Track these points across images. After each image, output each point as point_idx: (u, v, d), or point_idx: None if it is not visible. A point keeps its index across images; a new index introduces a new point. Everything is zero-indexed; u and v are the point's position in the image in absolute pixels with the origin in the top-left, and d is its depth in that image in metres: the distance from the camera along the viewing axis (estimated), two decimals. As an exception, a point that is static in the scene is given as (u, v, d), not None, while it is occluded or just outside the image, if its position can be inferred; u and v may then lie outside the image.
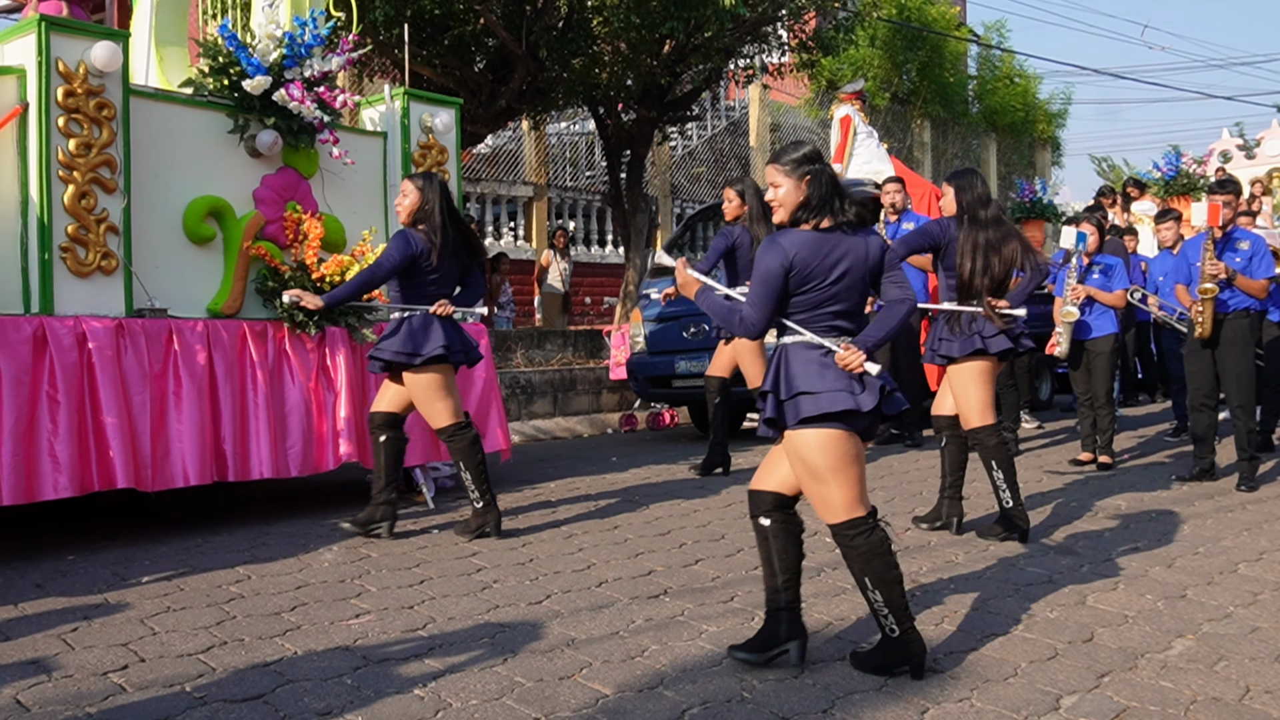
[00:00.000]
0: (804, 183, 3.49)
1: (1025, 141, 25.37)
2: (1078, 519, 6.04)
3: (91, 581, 4.70)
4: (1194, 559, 5.15)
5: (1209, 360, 7.06)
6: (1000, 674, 3.60)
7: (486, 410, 6.91)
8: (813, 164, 3.52)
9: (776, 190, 3.54)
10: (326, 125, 6.24)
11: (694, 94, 13.96)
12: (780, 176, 3.53)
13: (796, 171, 3.50)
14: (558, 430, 10.37)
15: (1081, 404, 8.05)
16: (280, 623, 4.11)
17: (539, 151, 16.76)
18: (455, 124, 7.16)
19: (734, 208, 7.33)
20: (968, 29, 24.49)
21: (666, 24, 11.25)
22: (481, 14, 11.01)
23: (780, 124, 19.82)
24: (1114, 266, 7.91)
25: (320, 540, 5.50)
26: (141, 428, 5.34)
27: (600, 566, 4.96)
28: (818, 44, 13.83)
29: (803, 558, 3.72)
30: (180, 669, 3.59)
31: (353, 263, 6.08)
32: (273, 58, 5.99)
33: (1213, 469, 7.19)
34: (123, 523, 5.90)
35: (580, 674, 3.57)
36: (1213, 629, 4.10)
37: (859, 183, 9.99)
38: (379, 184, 6.84)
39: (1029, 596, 4.49)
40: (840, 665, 3.66)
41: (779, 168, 3.54)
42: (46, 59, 5.21)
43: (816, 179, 3.50)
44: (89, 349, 5.17)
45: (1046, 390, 11.72)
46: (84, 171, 5.31)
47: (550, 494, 6.87)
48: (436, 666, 3.63)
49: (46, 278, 5.20)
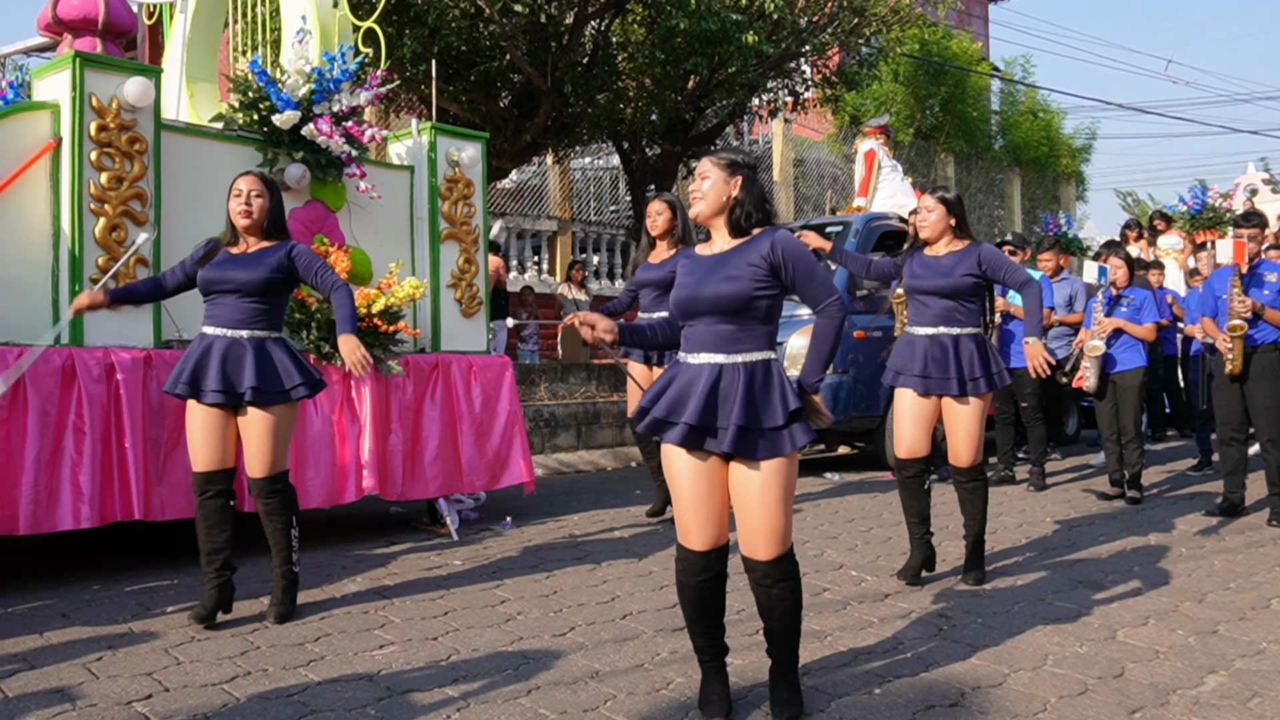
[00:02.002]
0: (733, 181, 3.37)
1: (1049, 176, 25.33)
2: (1106, 553, 5.98)
3: (116, 611, 4.71)
4: (1225, 594, 5.08)
5: (1237, 395, 7.00)
6: (1029, 709, 3.55)
7: (510, 443, 6.91)
8: (749, 170, 3.41)
9: (703, 182, 3.39)
10: (354, 159, 6.30)
11: (718, 129, 14.02)
12: (712, 169, 3.39)
13: (729, 169, 3.38)
14: (581, 463, 10.35)
15: (1107, 438, 7.98)
16: (304, 653, 4.11)
17: (563, 186, 16.86)
18: (481, 158, 7.21)
19: (664, 221, 6.67)
20: (990, 64, 24.53)
21: (691, 60, 11.32)
22: (507, 50, 11.12)
23: (804, 159, 19.87)
24: (1144, 299, 7.87)
25: (344, 571, 5.50)
26: (156, 458, 5.35)
27: (624, 599, 4.94)
28: (841, 79, 13.89)
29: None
30: (204, 698, 3.59)
31: (379, 295, 6.12)
32: (302, 93, 6.06)
33: (1243, 503, 7.11)
34: (147, 554, 5.92)
35: (604, 706, 3.55)
36: (1245, 665, 4.04)
37: (883, 216, 10.01)
38: (405, 217, 6.89)
39: (1058, 631, 4.44)
40: (866, 699, 3.62)
41: (714, 160, 3.41)
42: (80, 94, 5.29)
43: (748, 184, 3.38)
44: (117, 380, 5.20)
45: (1073, 425, 11.64)
46: (115, 204, 5.38)
47: (574, 526, 6.85)
48: (459, 697, 3.61)
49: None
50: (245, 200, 4.55)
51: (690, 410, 3.22)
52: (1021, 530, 6.67)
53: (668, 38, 11.22)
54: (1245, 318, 6.76)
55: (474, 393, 6.77)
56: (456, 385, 6.69)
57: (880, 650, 4.17)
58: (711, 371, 3.26)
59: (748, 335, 3.28)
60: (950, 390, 5.03)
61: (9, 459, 4.85)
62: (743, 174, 3.39)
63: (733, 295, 3.25)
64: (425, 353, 6.72)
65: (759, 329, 3.30)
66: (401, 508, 7.34)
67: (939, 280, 5.05)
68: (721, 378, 3.24)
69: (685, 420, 3.22)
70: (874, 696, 3.65)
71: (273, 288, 4.55)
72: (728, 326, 3.28)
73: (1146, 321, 7.77)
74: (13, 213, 5.20)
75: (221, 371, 4.43)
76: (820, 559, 5.82)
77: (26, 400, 4.92)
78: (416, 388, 6.47)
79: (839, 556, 5.89)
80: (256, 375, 4.43)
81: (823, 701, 3.59)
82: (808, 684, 3.75)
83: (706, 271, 3.34)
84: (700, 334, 3.32)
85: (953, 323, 5.06)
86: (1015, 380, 8.64)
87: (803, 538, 6.38)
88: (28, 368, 4.81)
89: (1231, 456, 7.12)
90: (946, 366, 5.02)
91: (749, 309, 3.26)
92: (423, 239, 6.90)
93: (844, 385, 8.98)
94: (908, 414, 5.19)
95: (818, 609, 4.77)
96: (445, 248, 6.97)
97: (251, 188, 4.57)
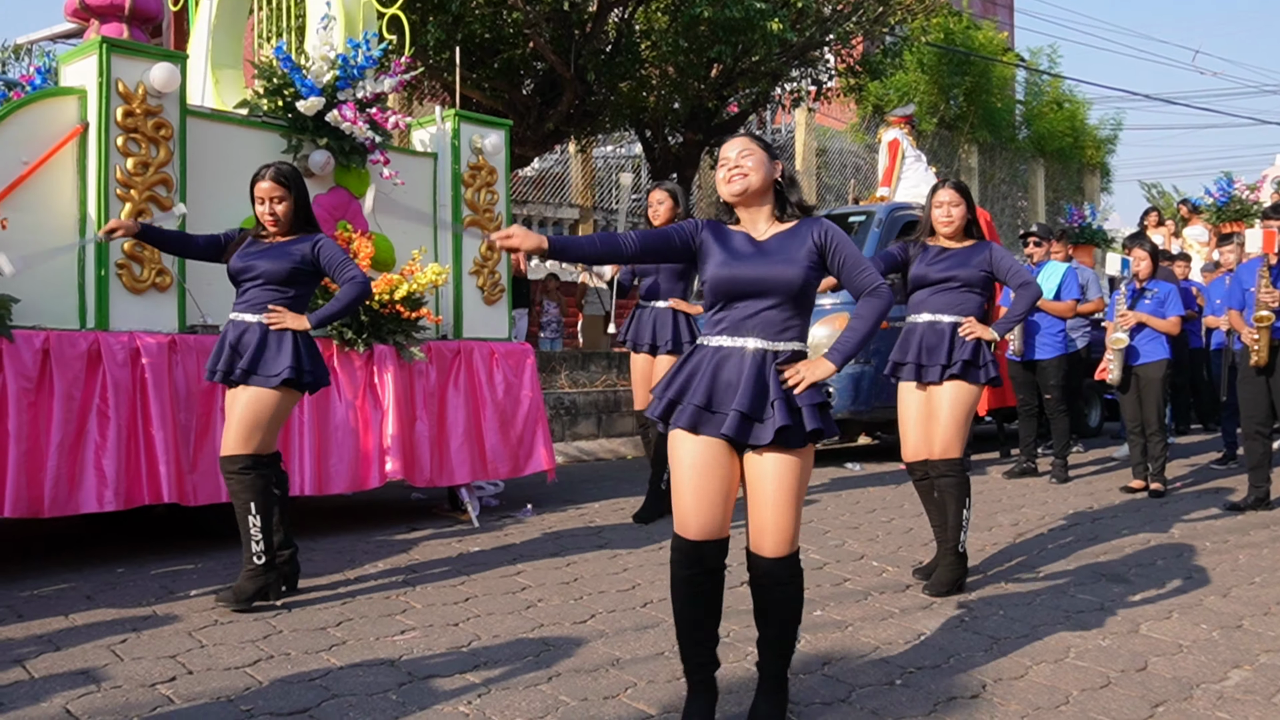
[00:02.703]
0: (776, 165, 3.29)
1: (1074, 167, 25.17)
2: (1129, 547, 5.95)
3: (141, 594, 4.75)
4: (1250, 589, 5.05)
5: (1263, 388, 6.94)
6: (1051, 701, 3.54)
7: (533, 431, 6.92)
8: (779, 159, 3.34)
9: (747, 157, 3.24)
10: (378, 146, 6.30)
11: (741, 117, 13.99)
12: (754, 146, 3.27)
13: (769, 152, 3.29)
14: (601, 451, 10.37)
15: (1131, 431, 7.94)
16: (326, 638, 4.13)
17: (585, 174, 16.86)
18: (505, 145, 7.21)
19: (665, 210, 6.58)
20: (1015, 54, 24.37)
21: (714, 48, 11.30)
22: (531, 38, 11.12)
23: (826, 148, 19.80)
24: (1168, 293, 7.81)
25: (366, 556, 5.53)
26: (186, 443, 5.39)
27: (645, 587, 4.94)
28: (865, 68, 13.83)
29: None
30: (227, 682, 3.61)
31: (402, 281, 6.13)
32: (326, 79, 6.07)
33: (1268, 497, 7.06)
34: (172, 537, 5.96)
35: (625, 694, 3.55)
36: (1270, 660, 4.01)
37: (906, 205, 9.96)
38: (429, 204, 6.89)
39: (1081, 624, 4.42)
40: (887, 689, 3.62)
41: (752, 140, 3.29)
42: (107, 80, 5.31)
43: (787, 174, 3.32)
44: (142, 364, 5.24)
45: (1096, 417, 11.58)
46: (141, 190, 5.40)
47: (595, 514, 6.86)
48: (480, 683, 3.62)
49: (103, 294, 5.28)
50: (269, 209, 4.62)
51: (740, 398, 3.07)
52: (1043, 522, 6.64)
53: (691, 25, 11.20)
54: (1273, 309, 6.70)
55: (496, 380, 6.79)
56: (479, 372, 6.70)
57: (901, 641, 4.16)
58: (756, 357, 3.13)
59: (795, 324, 3.18)
60: (932, 377, 4.91)
61: (35, 442, 4.89)
62: (781, 161, 3.33)
63: (793, 280, 3.13)
64: (448, 339, 6.73)
65: (802, 319, 3.21)
66: (423, 494, 7.37)
67: (956, 270, 4.96)
68: (765, 364, 3.13)
69: (735, 409, 3.06)
70: (895, 688, 3.64)
71: (296, 279, 4.61)
72: (778, 313, 3.15)
73: (1170, 315, 7.71)
74: (40, 198, 5.23)
75: (231, 354, 4.53)
76: (841, 549, 5.81)
77: (53, 384, 4.95)
78: (440, 374, 6.49)
79: (860, 547, 5.88)
80: (252, 358, 4.49)
81: (843, 691, 3.59)
82: (828, 673, 3.75)
83: (761, 254, 3.20)
84: (740, 317, 3.17)
85: (953, 310, 4.94)
86: (1039, 372, 8.61)
87: (823, 528, 6.37)
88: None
89: (1256, 450, 7.07)
90: (939, 353, 4.89)
91: (803, 296, 3.17)
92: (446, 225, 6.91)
93: (865, 376, 8.95)
94: (910, 415, 5.05)
95: (839, 599, 4.76)
96: (468, 235, 6.98)
97: (271, 194, 4.61)
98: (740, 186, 3.25)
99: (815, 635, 4.16)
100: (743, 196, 3.27)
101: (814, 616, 4.45)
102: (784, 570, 3.16)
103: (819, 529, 6.33)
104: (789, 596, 3.19)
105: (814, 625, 4.31)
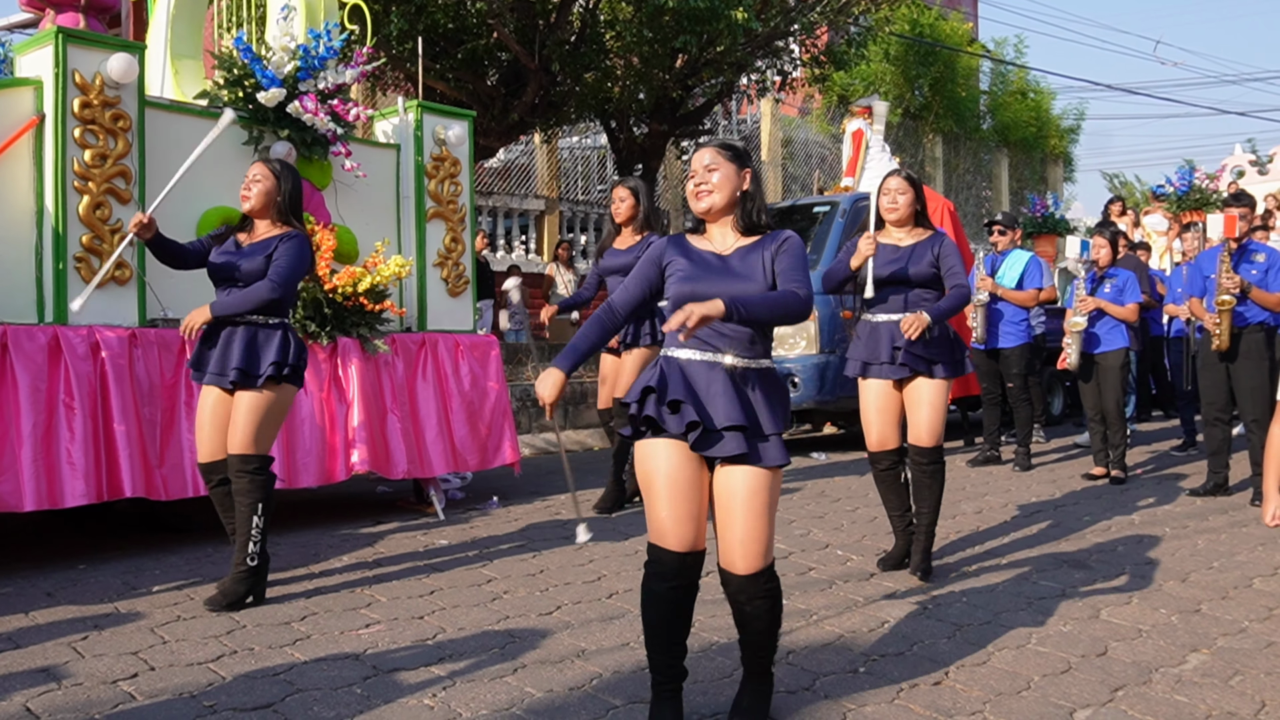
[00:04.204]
0: (744, 174, 3.23)
1: (1037, 157, 25.36)
2: (1090, 533, 6.01)
3: (102, 590, 4.71)
4: (1208, 573, 5.12)
5: (1223, 375, 7.03)
6: (1013, 687, 3.57)
7: (500, 423, 6.91)
8: (750, 163, 3.29)
9: (712, 173, 3.20)
10: (340, 137, 6.26)
11: (706, 108, 13.99)
12: (720, 159, 3.20)
13: (738, 161, 3.22)
14: (568, 443, 10.36)
15: (1092, 419, 8.02)
16: (290, 632, 4.11)
17: (551, 165, 16.80)
18: (468, 136, 7.18)
19: (627, 208, 6.56)
20: (980, 45, 24.51)
21: (679, 38, 11.29)
22: (495, 28, 11.07)
23: (792, 138, 19.85)
24: (1126, 280, 7.88)
25: (331, 550, 5.50)
26: (153, 437, 5.35)
27: (611, 578, 4.95)
28: (830, 59, 13.86)
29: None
30: (190, 677, 3.59)
31: (365, 274, 6.09)
32: (287, 70, 6.02)
33: (1226, 483, 7.16)
34: (134, 533, 5.91)
35: (590, 685, 3.56)
36: (1227, 644, 4.07)
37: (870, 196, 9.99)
38: (392, 196, 6.86)
39: (1042, 610, 4.46)
40: (851, 677, 3.64)
41: (719, 150, 3.23)
42: (63, 71, 5.24)
43: (756, 180, 3.26)
44: (102, 358, 5.18)
45: (1059, 405, 11.68)
46: (99, 182, 5.34)
47: (561, 506, 6.86)
48: (445, 676, 3.62)
49: (61, 287, 5.22)
50: (247, 185, 4.58)
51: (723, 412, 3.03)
52: (1006, 510, 6.70)
53: (656, 16, 11.18)
54: (1234, 293, 6.79)
55: (463, 371, 6.77)
56: (445, 364, 6.68)
57: (865, 629, 4.19)
58: (726, 372, 3.09)
59: (761, 339, 3.14)
60: (919, 367, 4.91)
61: (4, 435, 4.82)
62: (751, 167, 3.27)
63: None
64: (412, 332, 6.70)
65: (767, 335, 3.18)
66: (389, 487, 7.34)
67: (911, 269, 4.96)
68: (745, 380, 3.10)
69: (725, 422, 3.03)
70: (859, 675, 3.67)
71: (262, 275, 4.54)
72: (744, 329, 3.11)
73: (1128, 302, 7.79)
74: (-5, 190, 5.16)
75: (218, 355, 4.48)
76: (806, 538, 5.84)
77: (15, 378, 4.89)
78: (407, 367, 6.47)
79: (825, 536, 5.92)
80: (242, 358, 4.44)
81: (807, 680, 3.61)
82: (792, 662, 3.77)
83: (723, 269, 3.16)
84: (711, 334, 3.11)
85: (914, 309, 4.91)
86: (1002, 360, 8.68)
87: (789, 517, 6.40)
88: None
89: (1216, 437, 7.17)
90: (914, 346, 4.88)
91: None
92: (409, 217, 6.88)
93: (831, 365, 8.99)
94: (874, 406, 5.08)
95: (803, 588, 4.79)
96: (431, 226, 6.95)
97: (254, 173, 4.60)
98: (705, 205, 3.23)
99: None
100: (709, 213, 3.24)
101: (779, 605, 4.47)
102: (757, 586, 3.11)
103: (784, 519, 6.36)
104: (764, 611, 3.16)
105: (779, 614, 4.32)
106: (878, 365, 5.00)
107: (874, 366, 5.02)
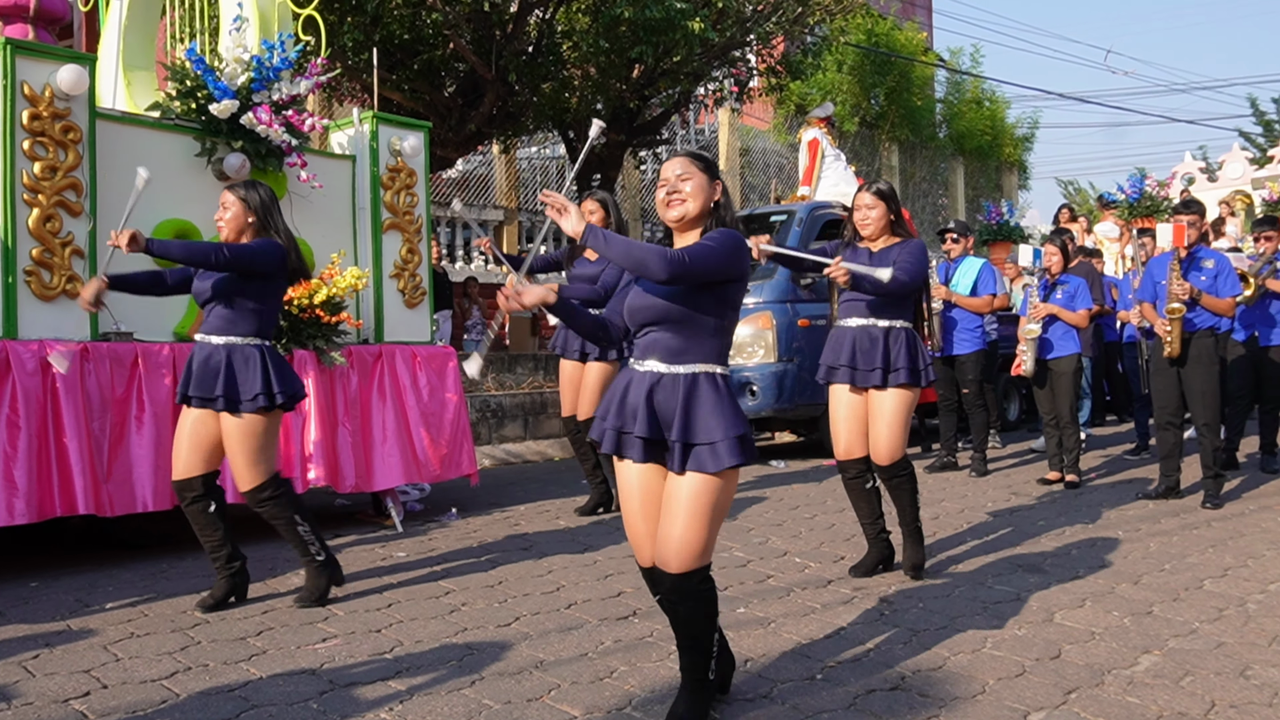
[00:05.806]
0: (716, 186, 3.24)
1: (992, 165, 25.66)
2: (1045, 537, 6.08)
3: (54, 608, 4.64)
4: (1160, 576, 5.19)
5: (1174, 379, 7.13)
6: (968, 691, 3.60)
7: (458, 435, 6.88)
8: (719, 175, 3.30)
9: (684, 182, 3.20)
10: (295, 149, 6.22)
11: (663, 118, 14.04)
12: (693, 169, 3.21)
13: (709, 172, 3.23)
14: (529, 454, 10.33)
15: (1047, 424, 8.11)
16: (245, 647, 4.07)
17: (509, 175, 16.80)
18: (424, 147, 7.17)
19: (597, 220, 6.60)
20: (935, 54, 24.75)
21: (635, 49, 11.32)
22: (451, 39, 11.05)
23: (750, 148, 19.95)
24: (1078, 286, 8.00)
25: (288, 565, 5.46)
26: (103, 452, 5.29)
27: (569, 588, 4.95)
28: (786, 69, 13.95)
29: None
30: (143, 695, 3.55)
31: (321, 285, 6.06)
32: (240, 81, 5.98)
33: (1178, 487, 7.26)
34: (86, 549, 5.84)
35: (549, 695, 3.55)
36: (1178, 645, 4.12)
37: (827, 205, 10.07)
38: (348, 207, 6.83)
39: (997, 614, 4.51)
40: (808, 684, 3.66)
41: (691, 160, 3.23)
42: (11, 82, 5.18)
43: (725, 192, 3.28)
44: (53, 373, 5.11)
45: (1015, 411, 11.80)
46: (49, 195, 5.28)
47: (520, 517, 6.84)
48: (403, 689, 3.60)
49: (10, 301, 5.16)
50: (219, 216, 4.62)
51: (640, 425, 3.09)
52: (963, 516, 6.76)
53: (612, 26, 11.20)
54: (1184, 300, 6.89)
55: (421, 383, 6.75)
56: (402, 376, 6.65)
57: (822, 636, 4.21)
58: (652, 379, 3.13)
59: (693, 347, 3.12)
60: (873, 381, 4.96)
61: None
62: (720, 179, 3.27)
63: (662, 308, 3.12)
64: (369, 344, 6.67)
65: (705, 341, 3.14)
66: (347, 500, 7.30)
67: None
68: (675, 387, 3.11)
69: (639, 435, 3.10)
70: (816, 682, 3.68)
71: (247, 288, 4.53)
72: (674, 337, 3.13)
73: (1080, 308, 7.90)
74: (-58, 203, 5.09)
75: (200, 377, 4.48)
76: (765, 546, 5.87)
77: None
78: (362, 379, 6.43)
79: (783, 544, 5.94)
80: (225, 383, 4.44)
81: (765, 687, 3.62)
82: (749, 670, 3.78)
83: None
84: (646, 343, 3.17)
85: (884, 314, 4.98)
86: (958, 367, 8.76)
87: (747, 525, 6.42)
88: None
89: (1167, 441, 7.26)
90: (874, 357, 4.93)
91: (690, 322, 3.12)
92: (365, 229, 6.85)
93: (789, 373, 9.04)
94: (841, 414, 5.12)
95: (761, 596, 4.81)
96: (388, 238, 6.92)
97: (223, 202, 4.62)
98: (678, 213, 3.21)
99: (738, 632, 4.19)
100: (681, 223, 3.23)
101: (737, 614, 4.49)
102: (685, 586, 3.13)
103: (743, 526, 6.38)
104: (694, 612, 3.18)
105: (737, 622, 4.34)
106: (841, 369, 5.05)
107: (838, 370, 5.07)
